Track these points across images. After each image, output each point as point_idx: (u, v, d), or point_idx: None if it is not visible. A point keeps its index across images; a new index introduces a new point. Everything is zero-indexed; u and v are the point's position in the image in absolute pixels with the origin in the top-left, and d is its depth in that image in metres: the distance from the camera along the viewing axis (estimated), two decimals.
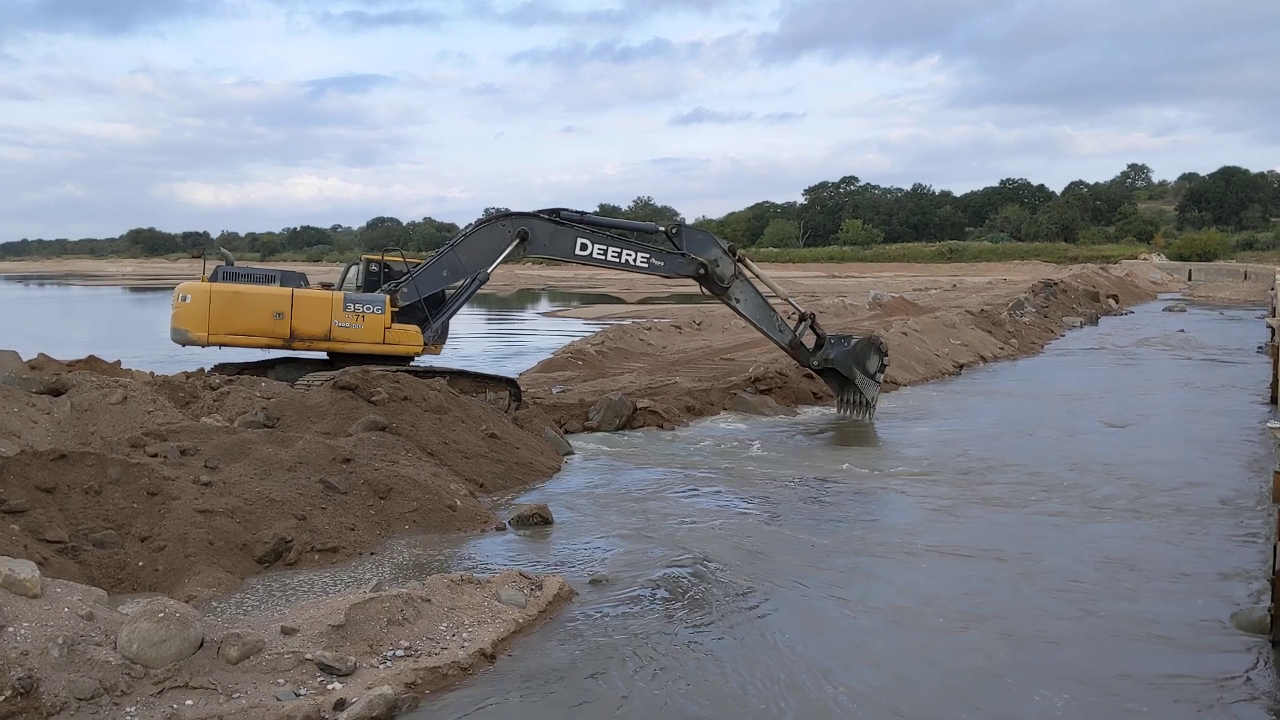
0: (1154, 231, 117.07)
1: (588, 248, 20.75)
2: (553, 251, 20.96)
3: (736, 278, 21.37)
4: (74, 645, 7.72)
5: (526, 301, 79.78)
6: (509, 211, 20.99)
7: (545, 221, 20.62)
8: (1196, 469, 16.94)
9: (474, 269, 20.47)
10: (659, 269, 21.30)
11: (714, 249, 21.32)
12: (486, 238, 20.50)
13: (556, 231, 20.66)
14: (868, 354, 21.73)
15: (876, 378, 21.66)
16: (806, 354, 22.16)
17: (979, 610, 10.43)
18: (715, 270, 21.10)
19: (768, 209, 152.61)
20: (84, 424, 14.87)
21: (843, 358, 21.78)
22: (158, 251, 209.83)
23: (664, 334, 36.84)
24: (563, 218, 20.75)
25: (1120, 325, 47.81)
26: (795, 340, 21.97)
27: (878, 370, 21.71)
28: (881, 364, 21.81)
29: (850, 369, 21.66)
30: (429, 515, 13.18)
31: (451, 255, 20.61)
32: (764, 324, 21.74)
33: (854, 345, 21.92)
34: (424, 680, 8.44)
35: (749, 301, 21.55)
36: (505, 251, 20.39)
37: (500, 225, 20.57)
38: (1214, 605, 10.57)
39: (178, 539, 11.13)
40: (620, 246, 20.94)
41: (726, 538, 12.98)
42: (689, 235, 21.46)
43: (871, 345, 21.92)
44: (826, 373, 22.38)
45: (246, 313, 19.64)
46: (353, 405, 15.95)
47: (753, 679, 8.77)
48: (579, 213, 21.06)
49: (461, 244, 20.74)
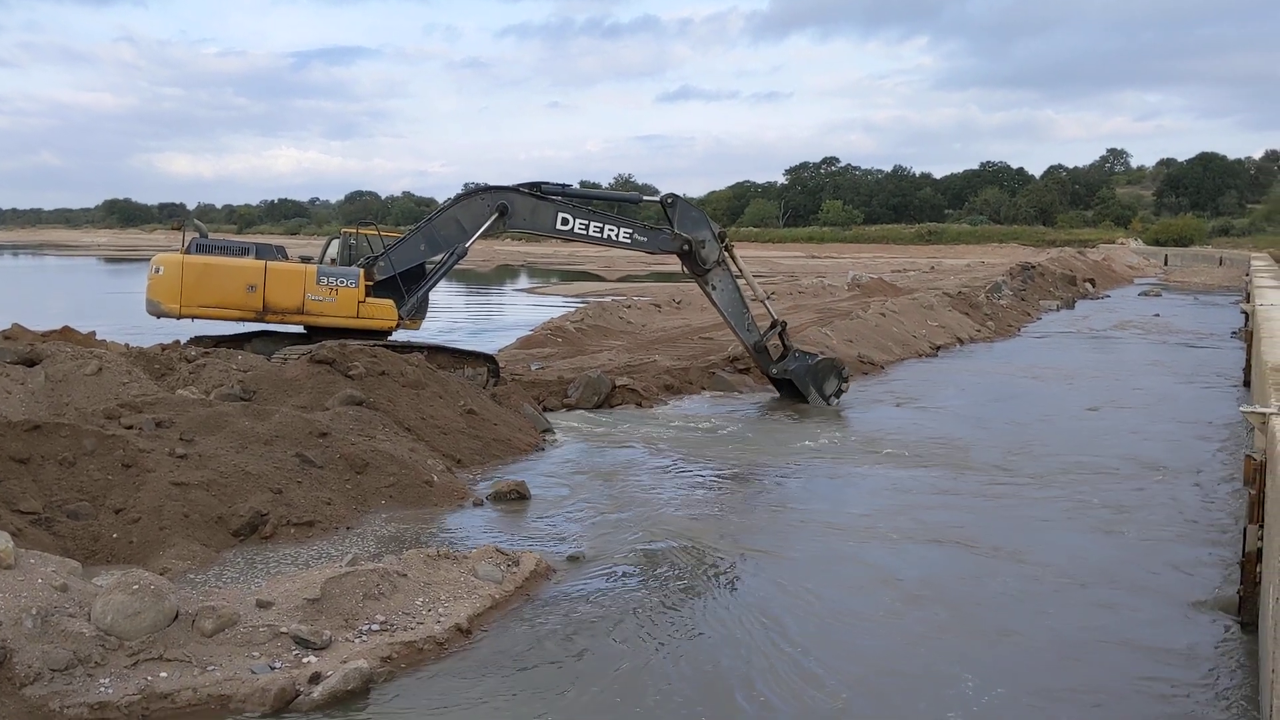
0: (1131, 216, 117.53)
1: (569, 222, 20.42)
2: (533, 226, 20.70)
3: (720, 265, 20.90)
4: (48, 616, 7.69)
5: (506, 278, 79.55)
6: (488, 185, 20.73)
7: (526, 196, 20.33)
8: (1169, 452, 17.09)
9: (452, 243, 20.27)
10: (642, 245, 20.97)
11: (705, 230, 20.81)
12: (465, 212, 20.29)
13: (537, 206, 20.36)
14: (827, 375, 21.20)
15: (830, 400, 21.06)
16: (768, 360, 21.55)
17: (946, 590, 10.54)
18: (700, 251, 20.61)
19: (748, 188, 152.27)
20: (58, 395, 14.76)
21: (802, 373, 21.24)
22: (133, 222, 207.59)
23: (643, 312, 36.82)
24: (543, 191, 20.44)
25: (1097, 309, 48.09)
26: (761, 343, 21.40)
27: (834, 394, 21.14)
28: (839, 388, 21.22)
29: (806, 386, 21.12)
30: (406, 490, 13.17)
31: (429, 229, 20.49)
32: (734, 318, 21.19)
33: (816, 363, 21.41)
34: (399, 655, 8.45)
35: (725, 292, 21.03)
36: (484, 226, 20.13)
37: (479, 199, 20.32)
38: (1184, 586, 10.70)
39: (153, 511, 11.08)
40: (603, 221, 20.57)
41: (702, 515, 13.03)
42: (683, 210, 20.90)
43: (833, 367, 21.43)
44: (782, 383, 21.71)
45: (219, 285, 19.57)
46: (330, 379, 15.89)
47: (728, 654, 8.82)
48: (560, 186, 20.72)
49: (439, 218, 20.57)
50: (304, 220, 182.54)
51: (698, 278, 21.10)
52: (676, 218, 20.74)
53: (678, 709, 7.87)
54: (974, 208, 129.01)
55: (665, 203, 20.84)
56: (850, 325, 29.68)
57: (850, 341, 27.98)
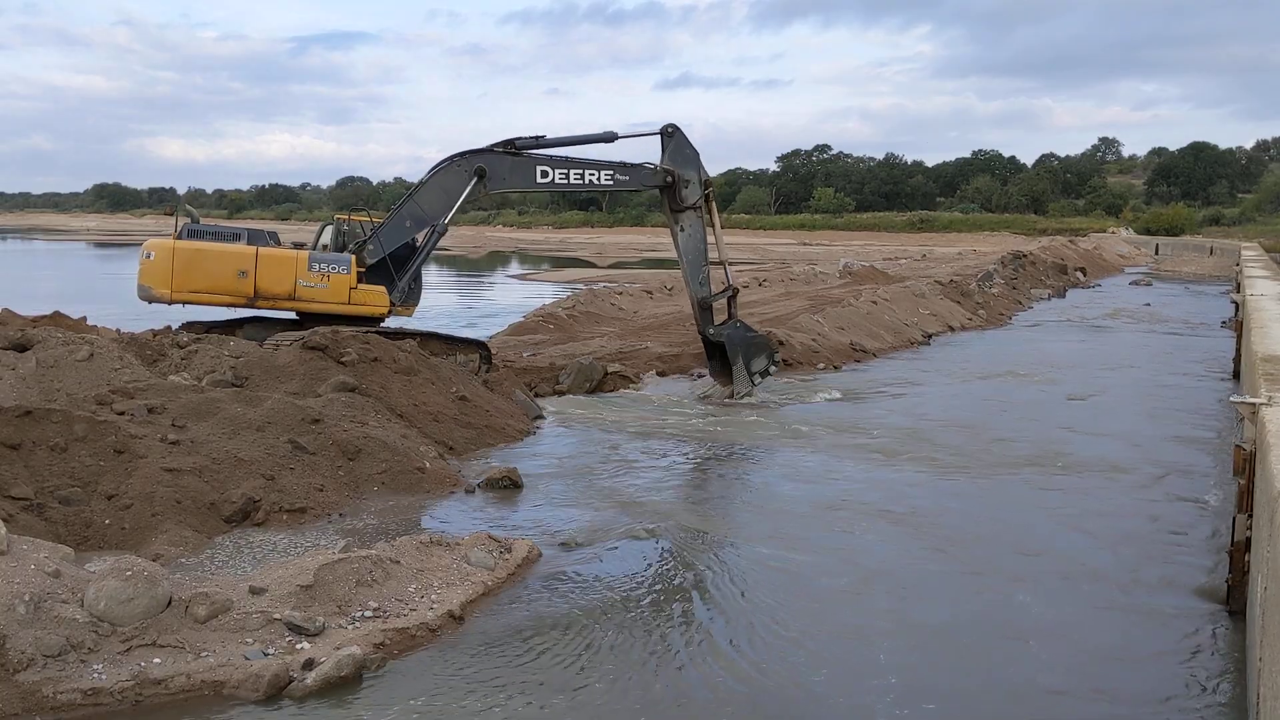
0: (1122, 205, 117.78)
1: (549, 174, 20.02)
2: (513, 184, 20.35)
3: (695, 210, 20.36)
4: (40, 602, 7.69)
5: (497, 264, 79.40)
6: (464, 151, 20.20)
7: (502, 155, 19.89)
8: (1157, 441, 17.17)
9: (436, 215, 19.97)
10: (624, 183, 20.57)
11: (694, 170, 20.25)
12: (444, 181, 19.95)
13: (515, 163, 19.94)
14: (760, 351, 20.76)
15: (754, 378, 20.59)
16: (709, 320, 20.82)
17: (936, 577, 10.59)
18: (682, 190, 20.08)
19: (740, 175, 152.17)
20: (49, 380, 14.71)
21: (736, 340, 20.62)
22: (122, 207, 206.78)
23: (635, 299, 36.82)
24: (518, 147, 19.95)
25: (1087, 298, 48.19)
26: (707, 300, 20.69)
27: (759, 372, 20.66)
28: (766, 369, 20.76)
29: (736, 355, 20.55)
30: (398, 477, 13.17)
31: (412, 205, 20.24)
32: (691, 266, 20.56)
33: (752, 337, 20.95)
34: (392, 641, 8.48)
35: (692, 238, 20.45)
36: (465, 192, 19.77)
37: (456, 166, 19.93)
38: (1172, 574, 10.77)
39: (145, 497, 11.07)
40: (582, 168, 20.11)
41: (692, 500, 13.08)
42: (680, 144, 20.29)
43: (767, 347, 21.04)
44: (713, 348, 21.09)
45: (210, 271, 19.46)
46: (322, 366, 15.87)
47: (718, 640, 8.86)
48: (534, 138, 20.13)
49: (421, 192, 20.25)
50: (294, 205, 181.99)
51: (670, 215, 20.58)
52: (670, 148, 20.22)
53: (669, 689, 7.91)
54: (966, 196, 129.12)
55: (665, 132, 20.27)
56: (842, 313, 29.71)
57: (842, 329, 28.02)
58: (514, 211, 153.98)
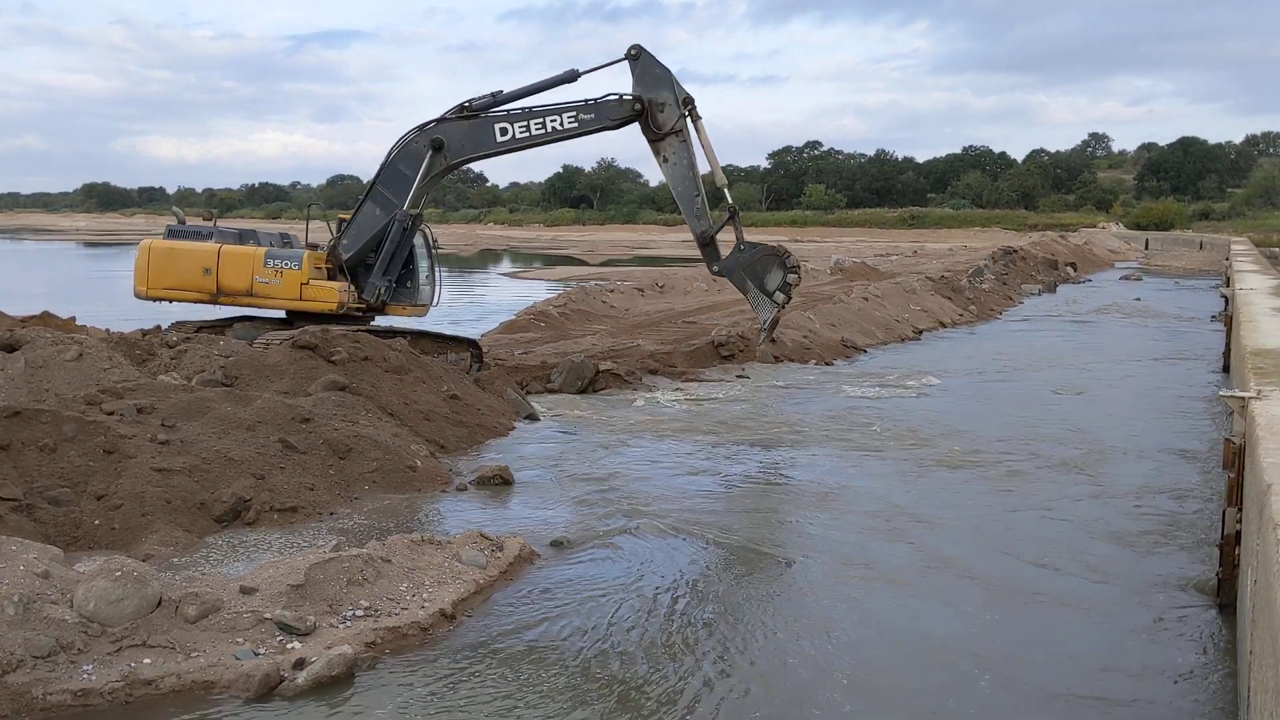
0: (1113, 200, 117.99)
1: (508, 131, 19.20)
2: (474, 148, 19.59)
3: (677, 134, 18.91)
4: (30, 603, 7.66)
5: (488, 262, 79.33)
6: (419, 125, 19.68)
7: (456, 120, 19.38)
8: (1145, 435, 17.19)
9: (401, 200, 19.69)
10: (590, 123, 19.15)
11: (666, 91, 18.82)
12: (402, 161, 19.64)
13: (470, 126, 19.34)
14: (768, 266, 18.88)
15: (775, 296, 18.78)
16: (715, 254, 19.39)
17: (930, 576, 10.60)
18: (657, 115, 18.75)
19: (731, 172, 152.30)
20: (38, 380, 14.65)
21: (738, 268, 18.97)
22: (112, 206, 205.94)
23: (626, 296, 36.80)
24: (474, 108, 19.35)
25: (1078, 293, 48.28)
26: (708, 235, 19.21)
27: (778, 288, 18.77)
28: (784, 280, 18.82)
29: (744, 282, 18.95)
30: (389, 475, 13.15)
31: (376, 192, 20.08)
32: (683, 201, 19.19)
33: (754, 254, 19.07)
34: (384, 640, 8.46)
35: (678, 168, 19.01)
36: (423, 168, 19.32)
37: (412, 142, 19.57)
38: (1162, 568, 10.79)
39: (134, 497, 11.04)
40: (543, 116, 19.07)
41: (685, 499, 13.06)
42: (646, 65, 18.93)
43: (774, 256, 19.07)
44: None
45: (179, 268, 20.17)
46: (312, 365, 15.84)
47: (709, 638, 8.85)
48: (490, 95, 19.41)
49: (383, 176, 19.96)
50: (285, 204, 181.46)
51: (652, 143, 19.27)
52: (638, 72, 18.99)
53: (661, 686, 7.90)
54: (956, 192, 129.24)
55: (630, 55, 19.06)
56: (833, 309, 29.75)
57: (833, 325, 28.05)
58: (505, 209, 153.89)
